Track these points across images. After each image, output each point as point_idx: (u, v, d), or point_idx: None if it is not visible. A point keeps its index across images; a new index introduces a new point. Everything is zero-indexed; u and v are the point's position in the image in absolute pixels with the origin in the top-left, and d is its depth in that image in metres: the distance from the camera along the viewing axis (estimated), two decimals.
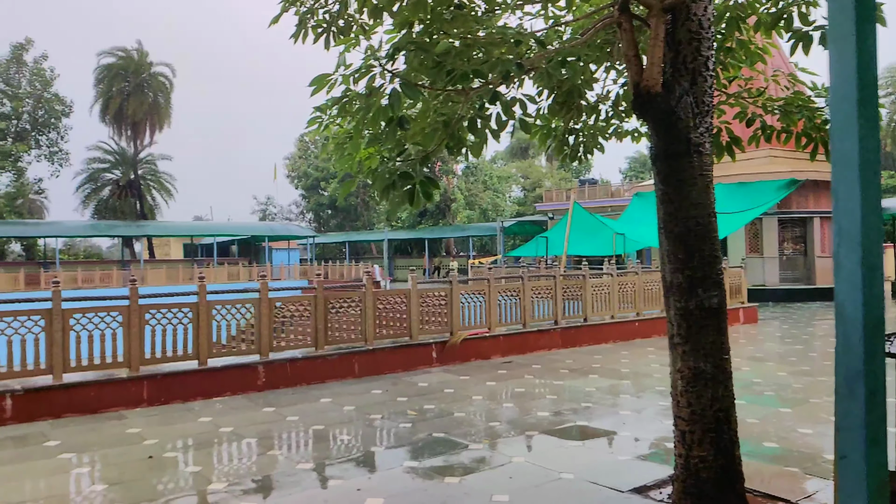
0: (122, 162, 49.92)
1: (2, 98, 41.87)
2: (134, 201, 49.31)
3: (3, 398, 7.91)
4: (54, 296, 8.40)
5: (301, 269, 46.51)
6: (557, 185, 55.37)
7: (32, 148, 42.50)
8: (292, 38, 6.42)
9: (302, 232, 53.04)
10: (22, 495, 5.76)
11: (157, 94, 49.20)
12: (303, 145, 66.57)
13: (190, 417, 8.30)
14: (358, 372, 10.67)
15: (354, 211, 64.85)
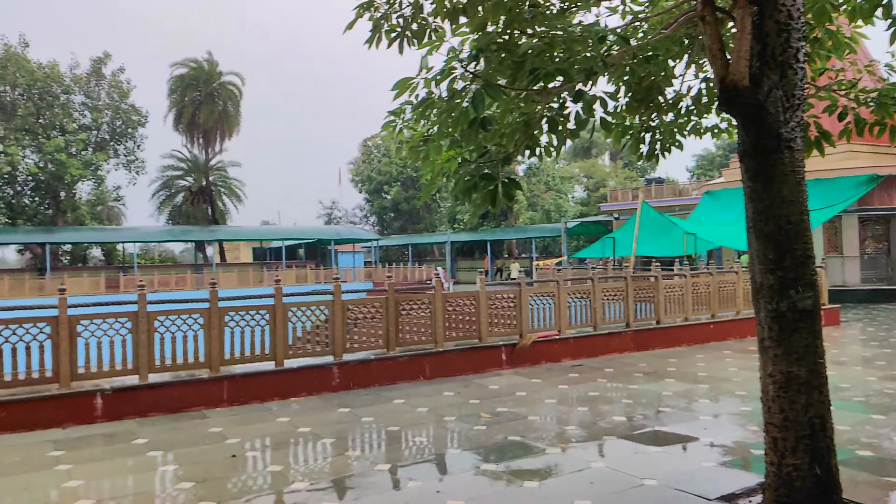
0: (194, 169, 51.70)
1: (83, 110, 43.97)
2: (206, 207, 50.97)
3: (94, 397, 8.27)
4: (140, 299, 8.73)
5: (365, 271, 47.13)
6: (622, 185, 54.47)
7: (111, 157, 44.43)
8: (366, 43, 6.48)
9: (366, 235, 53.77)
10: (115, 491, 6.00)
11: (227, 103, 50.75)
12: (366, 150, 67.50)
13: (268, 417, 8.49)
14: (428, 374, 10.71)
15: (417, 214, 65.32)
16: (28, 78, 40.08)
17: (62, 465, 6.62)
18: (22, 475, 6.36)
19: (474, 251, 56.94)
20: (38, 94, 41.11)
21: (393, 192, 63.34)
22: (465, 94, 3.98)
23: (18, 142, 39.42)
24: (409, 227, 65.54)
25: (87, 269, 42.18)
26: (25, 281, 34.56)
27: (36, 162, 40.48)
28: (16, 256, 63.17)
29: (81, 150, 41.82)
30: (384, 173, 63.49)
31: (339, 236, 50.81)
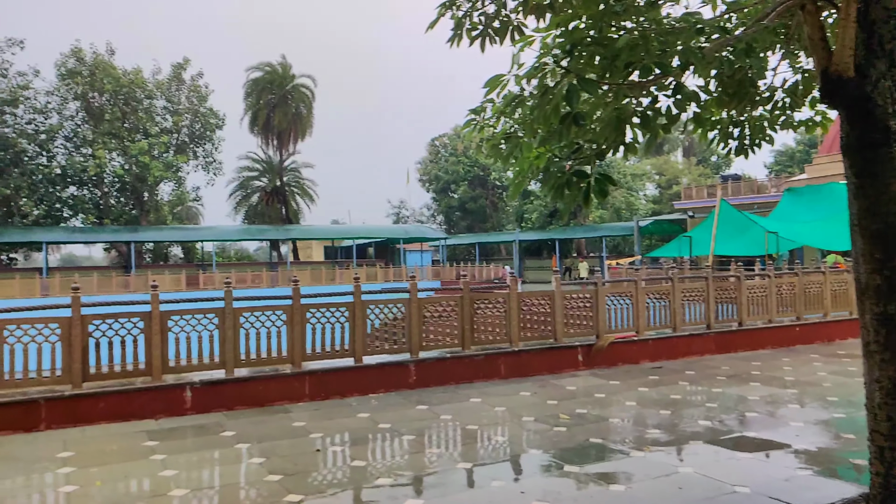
0: (269, 170, 53.14)
1: (164, 114, 45.82)
2: (280, 207, 52.31)
3: (184, 390, 8.60)
4: (226, 296, 9.03)
5: (433, 270, 47.40)
6: (696, 182, 52.96)
7: (191, 159, 46.14)
8: (448, 42, 6.50)
9: (433, 234, 54.04)
10: (207, 482, 6.22)
11: (300, 105, 51.93)
12: (434, 149, 67.87)
13: (349, 413, 8.63)
14: (504, 373, 10.66)
15: (484, 212, 65.26)
16: (114, 84, 42.02)
17: (157, 454, 6.90)
18: (121, 463, 6.66)
19: (542, 250, 56.45)
20: (123, 100, 43.06)
21: (460, 191, 63.48)
22: (557, 90, 3.92)
23: (105, 145, 41.40)
24: (475, 226, 65.55)
25: (168, 267, 43.97)
26: (112, 278, 36.28)
27: (121, 164, 42.42)
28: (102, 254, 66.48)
29: (163, 152, 43.58)
30: (451, 172, 63.69)
31: (407, 235, 51.27)
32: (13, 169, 40.40)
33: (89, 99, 42.70)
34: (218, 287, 36.62)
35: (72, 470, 6.42)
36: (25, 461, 6.79)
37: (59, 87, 42.51)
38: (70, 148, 43.32)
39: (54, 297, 30.77)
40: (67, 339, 8.19)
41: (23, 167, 40.86)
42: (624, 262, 29.11)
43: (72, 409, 8.05)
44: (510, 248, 61.60)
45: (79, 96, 42.59)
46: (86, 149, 42.20)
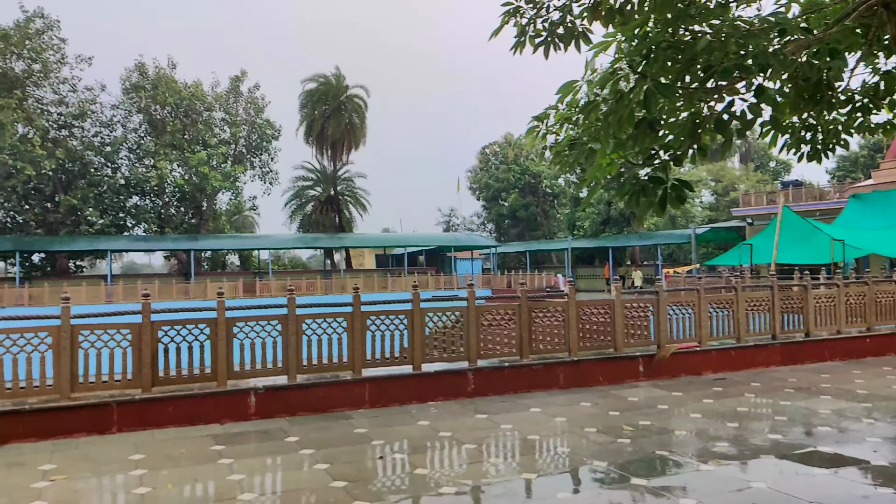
0: (323, 180, 53.98)
1: (223, 125, 47.08)
2: (333, 216, 53.06)
3: (248, 395, 8.76)
4: (289, 303, 9.17)
5: (484, 278, 47.33)
6: (755, 188, 51.57)
7: (248, 169, 47.25)
8: (512, 49, 6.48)
9: (484, 242, 54.00)
10: (274, 486, 6.30)
11: (353, 115, 52.63)
12: (484, 157, 67.86)
13: (409, 420, 8.64)
14: (563, 383, 10.53)
15: (534, 220, 64.88)
16: (175, 97, 43.41)
17: (224, 459, 7.03)
18: (190, 467, 6.81)
19: (594, 258, 55.76)
20: (184, 112, 44.44)
21: (510, 199, 63.26)
22: (633, 95, 3.85)
23: (167, 156, 42.75)
24: (526, 234, 65.20)
25: (225, 275, 45.03)
26: (173, 285, 37.33)
27: (181, 175, 43.72)
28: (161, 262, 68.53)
29: (221, 163, 44.74)
30: (502, 180, 63.55)
31: (458, 243, 51.35)
32: (80, 180, 42.07)
33: (152, 112, 44.20)
34: (274, 294, 37.44)
35: (144, 472, 6.59)
36: (100, 462, 7.00)
37: (124, 100, 44.19)
38: (133, 159, 44.91)
39: (122, 304, 31.85)
40: (138, 345, 8.44)
41: (89, 178, 42.53)
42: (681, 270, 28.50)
43: (142, 412, 8.28)
44: (561, 257, 61.05)
45: (142, 109, 44.15)
46: (148, 160, 43.66)
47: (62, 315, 8.14)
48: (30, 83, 40.66)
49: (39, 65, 40.48)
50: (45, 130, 40.62)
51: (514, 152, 63.87)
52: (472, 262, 58.42)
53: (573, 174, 57.08)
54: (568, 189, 60.05)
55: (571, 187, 58.86)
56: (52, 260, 44.69)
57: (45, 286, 35.62)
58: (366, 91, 53.56)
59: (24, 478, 6.48)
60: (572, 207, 57.59)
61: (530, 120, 6.14)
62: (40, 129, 40.02)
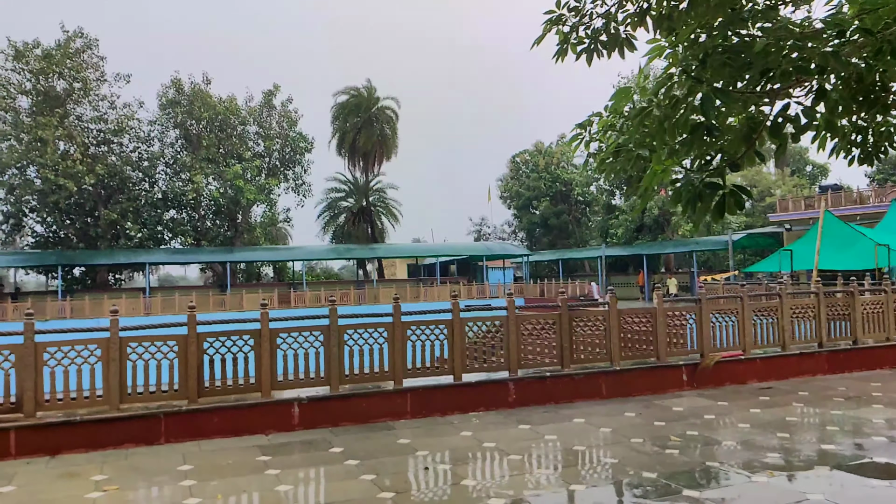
0: (355, 191, 54.39)
1: (257, 139, 47.74)
2: (366, 226, 53.38)
3: (291, 406, 8.82)
4: (331, 314, 9.22)
5: (516, 287, 47.11)
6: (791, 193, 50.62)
7: (281, 182, 47.81)
8: (554, 57, 6.47)
9: (516, 250, 53.78)
10: (322, 497, 6.30)
11: (384, 126, 53.00)
12: (514, 166, 67.72)
13: (451, 431, 8.61)
14: (605, 393, 10.41)
15: (566, 228, 64.48)
16: (211, 112, 44.17)
17: (271, 469, 7.07)
18: (238, 477, 6.86)
19: (628, 266, 55.17)
20: (219, 127, 45.18)
21: (542, 208, 62.98)
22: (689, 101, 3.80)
23: (203, 170, 43.46)
24: (558, 242, 64.81)
25: (261, 286, 45.53)
26: (209, 297, 37.86)
27: (217, 188, 44.40)
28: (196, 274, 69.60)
29: (256, 176, 45.34)
30: (533, 188, 63.33)
31: (489, 252, 51.24)
32: (120, 195, 43.00)
33: (188, 126, 45.03)
34: (308, 304, 37.72)
35: (193, 483, 6.66)
36: (150, 472, 7.10)
37: (161, 116, 45.10)
38: (170, 173, 45.75)
39: (161, 316, 32.39)
40: (184, 357, 8.55)
41: (128, 193, 43.45)
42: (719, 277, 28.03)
43: (188, 423, 8.38)
44: (594, 264, 60.49)
45: (178, 124, 45.01)
46: (184, 174, 44.43)
47: (111, 328, 8.30)
48: (70, 101, 41.73)
49: (80, 83, 41.53)
50: (85, 147, 41.63)
51: (545, 160, 63.63)
52: (503, 272, 58.27)
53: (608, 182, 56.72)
54: (600, 196, 59.62)
55: (604, 195, 58.42)
56: (92, 273, 45.67)
57: (86, 299, 36.39)
58: (397, 102, 53.98)
59: (77, 488, 6.60)
60: (604, 215, 57.12)
61: (573, 127, 6.11)
62: (81, 146, 41.03)
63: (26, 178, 41.31)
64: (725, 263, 50.14)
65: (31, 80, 40.59)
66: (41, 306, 34.22)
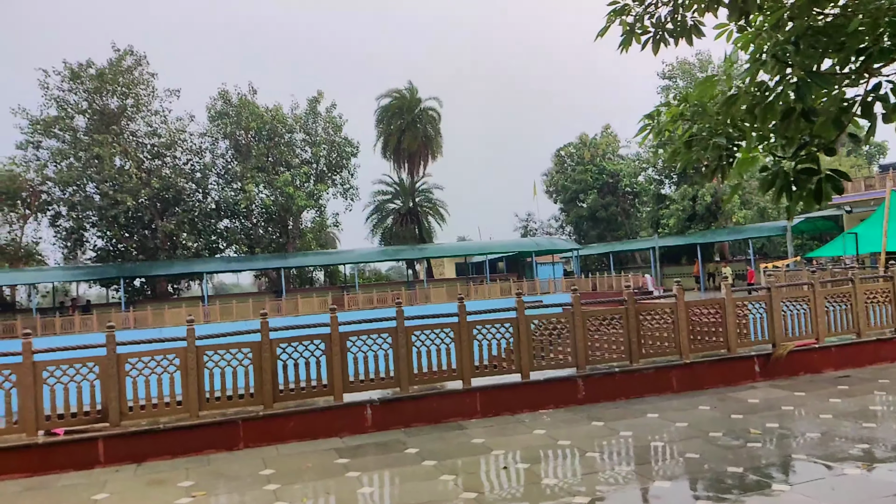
0: (401, 192, 54.72)
1: (304, 146, 48.43)
2: (413, 227, 53.66)
3: (364, 408, 8.92)
4: (398, 316, 9.30)
5: (567, 282, 46.69)
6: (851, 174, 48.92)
7: (329, 187, 48.40)
8: (619, 47, 6.40)
9: (565, 245, 53.29)
10: (406, 498, 6.33)
11: (427, 127, 53.16)
12: (559, 160, 67.15)
13: (523, 429, 8.58)
14: (676, 387, 10.23)
15: (615, 220, 63.64)
16: (258, 121, 45.00)
17: (351, 472, 7.16)
18: (320, 480, 6.97)
19: (680, 256, 54.10)
20: (266, 136, 45.99)
21: (589, 200, 62.29)
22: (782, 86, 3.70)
23: (253, 179, 44.31)
24: (607, 235, 64.01)
25: (314, 290, 46.17)
26: (265, 303, 38.56)
27: (268, 196, 45.22)
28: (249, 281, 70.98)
29: (304, 182, 46.01)
30: (579, 181, 62.69)
31: (538, 248, 50.87)
32: (175, 207, 44.18)
33: (237, 137, 45.97)
34: (361, 307, 38.10)
35: (277, 487, 6.79)
36: (233, 478, 7.26)
37: (211, 128, 46.14)
38: (222, 183, 46.79)
39: (221, 323, 33.13)
40: (258, 363, 8.73)
41: (183, 204, 44.60)
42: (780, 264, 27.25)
43: (265, 428, 8.55)
44: (645, 256, 59.53)
45: (227, 135, 45.99)
46: (236, 183, 45.39)
47: (188, 337, 8.52)
48: (124, 118, 43.06)
49: (132, 100, 42.83)
50: (140, 161, 42.90)
51: (591, 152, 62.91)
52: (553, 267, 57.75)
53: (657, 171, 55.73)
54: (648, 186, 58.61)
55: (652, 184, 57.42)
56: (152, 284, 47.02)
57: (148, 309, 37.46)
58: (439, 102, 54.09)
59: (167, 495, 6.79)
60: (654, 205, 56.12)
61: (640, 118, 6.04)
62: (136, 161, 42.30)
63: (86, 195, 42.79)
64: (781, 249, 48.72)
65: (86, 100, 42.03)
66: (105, 318, 35.38)
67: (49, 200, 43.52)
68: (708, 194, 46.64)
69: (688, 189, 48.90)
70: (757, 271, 35.78)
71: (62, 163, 41.90)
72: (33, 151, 42.44)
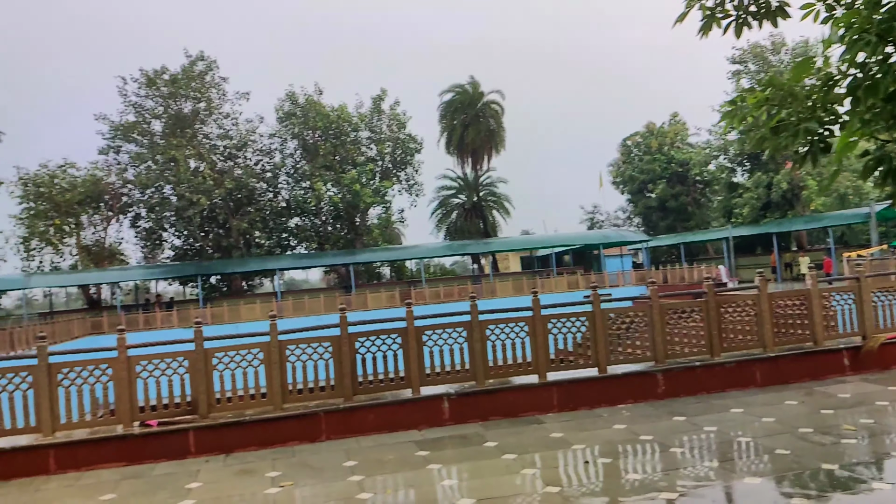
0: (465, 187, 54.81)
1: (369, 144, 49.08)
2: (478, 222, 53.71)
3: (441, 401, 9.00)
4: (472, 310, 9.33)
5: (637, 274, 45.81)
6: None
7: (394, 183, 48.93)
8: (699, 32, 6.25)
9: (634, 236, 52.33)
10: (489, 491, 6.34)
11: (490, 121, 53.04)
12: (625, 150, 65.89)
13: (602, 424, 8.49)
14: (759, 381, 9.92)
15: (685, 210, 62.03)
16: (325, 121, 45.85)
17: (432, 464, 7.24)
18: (402, 472, 7.07)
19: (755, 246, 52.31)
20: (333, 135, 46.81)
21: (658, 190, 60.83)
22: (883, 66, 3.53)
23: (321, 177, 45.22)
24: (677, 226, 62.42)
25: (382, 285, 46.78)
26: (335, 298, 39.32)
27: (335, 193, 46.06)
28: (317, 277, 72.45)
29: (370, 179, 46.66)
30: (647, 171, 61.32)
31: (606, 240, 50.12)
32: (247, 206, 45.54)
33: (304, 136, 46.96)
34: (428, 301, 38.38)
35: (361, 478, 6.92)
36: (318, 469, 7.45)
37: (279, 129, 47.29)
38: (291, 182, 47.91)
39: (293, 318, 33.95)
40: (338, 356, 8.92)
41: (255, 203, 45.93)
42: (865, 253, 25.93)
43: (346, 420, 8.74)
44: (717, 247, 57.78)
45: (296, 135, 47.04)
46: (305, 182, 46.40)
47: (271, 332, 8.79)
48: (197, 121, 44.59)
49: (204, 103, 44.30)
50: (213, 163, 44.34)
51: (658, 141, 61.44)
52: (621, 259, 56.80)
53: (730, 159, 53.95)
54: (720, 175, 56.83)
55: (724, 173, 55.66)
56: (227, 280, 48.62)
57: (224, 305, 38.72)
58: (502, 95, 53.87)
59: (256, 485, 7.03)
60: (726, 194, 54.40)
61: (723, 104, 5.90)
62: (209, 163, 43.74)
63: (163, 196, 44.54)
64: (863, 237, 46.51)
65: (162, 105, 43.73)
66: (185, 314, 36.81)
67: (129, 202, 45.52)
68: (784, 181, 44.88)
69: (762, 176, 47.22)
70: (837, 261, 34.25)
71: (141, 166, 43.74)
72: (114, 156, 44.57)
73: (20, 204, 43.04)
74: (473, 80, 53.32)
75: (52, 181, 43.23)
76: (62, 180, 43.73)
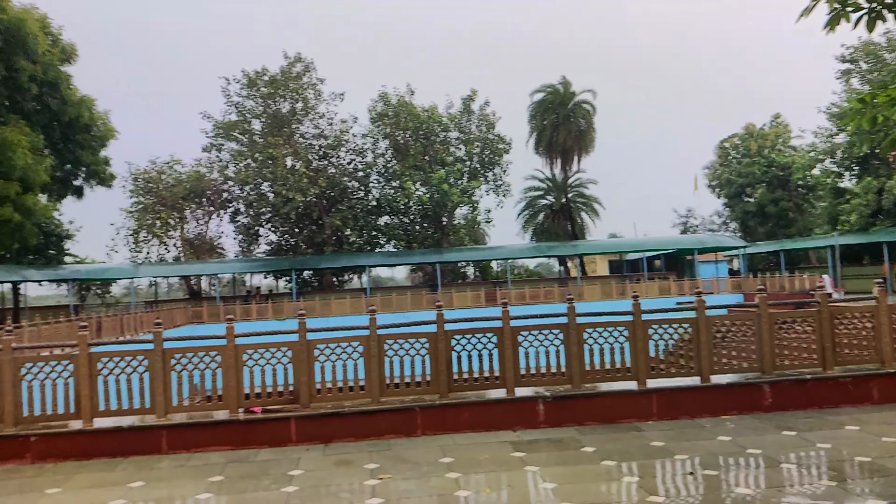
0: (553, 188, 54.25)
1: (458, 144, 49.31)
2: (566, 223, 53.03)
3: (536, 403, 8.92)
4: (569, 312, 9.19)
5: (733, 282, 44.04)
6: None
7: (482, 184, 48.96)
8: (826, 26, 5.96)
9: (731, 242, 50.30)
10: (590, 497, 6.22)
11: (581, 121, 52.23)
12: (723, 152, 63.46)
13: (705, 435, 8.18)
14: (877, 398, 9.31)
15: (785, 216, 59.13)
16: (415, 122, 46.43)
17: (528, 466, 7.19)
18: (499, 472, 7.05)
19: (862, 256, 49.20)
20: (423, 135, 47.33)
21: (757, 195, 58.25)
22: None
23: (411, 177, 45.81)
24: (777, 232, 59.58)
25: (467, 285, 47.01)
26: (422, 296, 39.79)
27: (424, 193, 46.57)
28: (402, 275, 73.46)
29: (458, 179, 46.89)
30: (745, 175, 58.84)
31: (701, 245, 48.40)
32: (340, 204, 46.72)
33: (395, 137, 47.71)
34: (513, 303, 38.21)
35: (458, 475, 6.95)
36: (415, 463, 7.52)
37: (372, 129, 48.23)
38: (382, 182, 48.77)
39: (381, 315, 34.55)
40: (434, 353, 9.00)
41: (347, 201, 47.07)
42: None
43: (441, 417, 8.80)
44: (821, 255, 54.77)
45: (387, 135, 47.84)
46: (395, 181, 47.14)
47: (370, 325, 8.96)
48: (294, 121, 46.08)
49: (301, 104, 45.72)
50: (308, 162, 45.70)
51: (758, 143, 58.84)
52: (716, 265, 54.68)
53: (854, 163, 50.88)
54: (825, 179, 53.80)
55: (830, 177, 52.65)
56: (319, 276, 50.06)
57: (316, 300, 39.86)
58: (593, 95, 52.94)
59: (355, 476, 7.17)
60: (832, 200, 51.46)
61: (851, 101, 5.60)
62: (305, 161, 45.12)
63: (260, 193, 46.31)
64: None
65: (261, 105, 45.46)
66: (279, 307, 38.14)
67: (230, 198, 47.58)
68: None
69: (872, 182, 44.39)
70: None
71: (241, 164, 45.63)
72: (216, 153, 46.68)
73: (130, 198, 45.85)
74: (565, 79, 52.69)
75: (159, 177, 45.78)
76: (169, 176, 46.23)
